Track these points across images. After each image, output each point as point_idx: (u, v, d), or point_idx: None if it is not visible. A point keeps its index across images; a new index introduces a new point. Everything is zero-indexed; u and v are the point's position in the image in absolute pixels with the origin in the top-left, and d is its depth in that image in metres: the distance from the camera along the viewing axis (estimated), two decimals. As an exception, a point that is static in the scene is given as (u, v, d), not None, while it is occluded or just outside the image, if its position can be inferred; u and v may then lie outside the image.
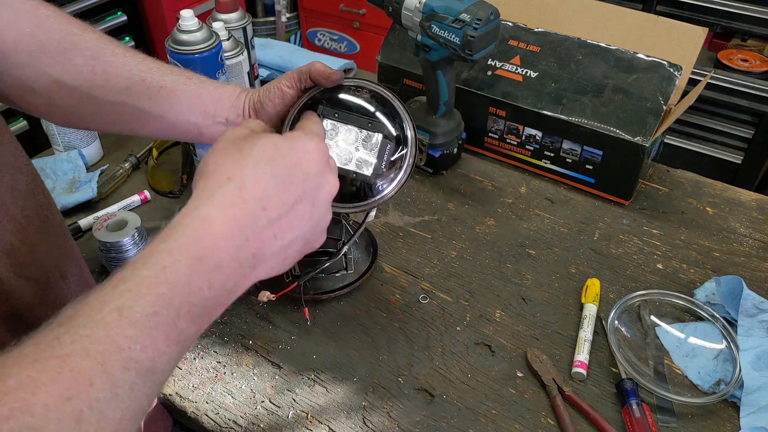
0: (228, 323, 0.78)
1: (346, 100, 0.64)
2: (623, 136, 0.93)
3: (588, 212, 0.96)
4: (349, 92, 0.64)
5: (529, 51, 1.02)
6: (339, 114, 0.63)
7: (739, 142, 2.07)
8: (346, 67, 1.29)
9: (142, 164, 1.06)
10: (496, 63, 1.03)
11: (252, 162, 0.43)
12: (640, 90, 0.94)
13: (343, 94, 0.64)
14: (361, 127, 0.63)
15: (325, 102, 0.63)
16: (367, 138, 0.63)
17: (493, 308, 0.81)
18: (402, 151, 0.64)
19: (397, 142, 0.63)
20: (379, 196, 0.63)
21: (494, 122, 1.04)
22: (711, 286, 0.81)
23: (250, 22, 1.10)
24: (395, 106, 0.65)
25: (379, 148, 0.63)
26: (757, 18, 1.90)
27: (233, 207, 0.41)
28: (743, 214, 0.96)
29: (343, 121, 0.63)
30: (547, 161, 1.02)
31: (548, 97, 0.98)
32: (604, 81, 0.96)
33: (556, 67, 1.00)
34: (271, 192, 0.42)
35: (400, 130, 0.64)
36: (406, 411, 0.69)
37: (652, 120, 0.91)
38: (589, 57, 0.98)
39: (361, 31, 2.52)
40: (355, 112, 0.63)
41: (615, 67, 0.96)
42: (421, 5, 0.87)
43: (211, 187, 0.41)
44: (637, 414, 0.66)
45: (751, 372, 0.70)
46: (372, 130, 0.63)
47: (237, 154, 0.43)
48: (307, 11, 2.62)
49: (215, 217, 0.40)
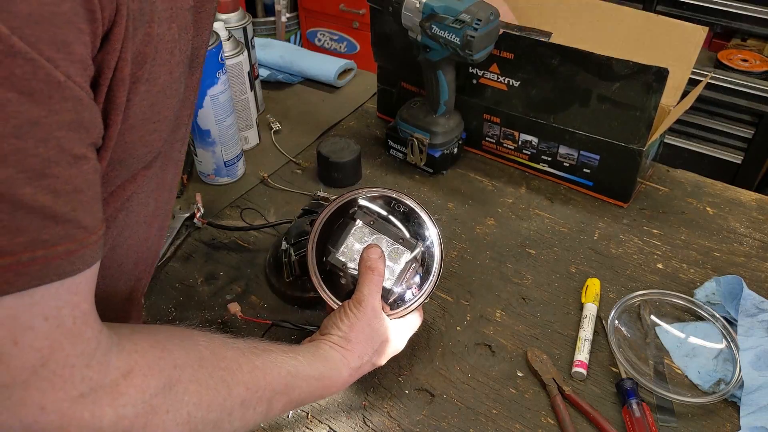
0: (228, 323, 0.79)
1: (384, 211, 0.69)
2: (618, 143, 0.92)
3: (588, 212, 0.96)
4: (389, 204, 0.69)
5: (504, 58, 0.96)
6: (375, 222, 0.68)
7: (739, 142, 2.07)
8: (346, 67, 1.29)
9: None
10: (477, 71, 1.00)
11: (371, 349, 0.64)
12: (626, 98, 0.88)
13: (382, 205, 0.69)
14: (393, 240, 0.68)
15: (363, 207, 0.69)
16: (394, 252, 0.68)
17: (493, 308, 0.81)
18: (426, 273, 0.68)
19: (422, 261, 0.68)
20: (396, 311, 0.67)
21: (490, 128, 1.04)
22: (711, 286, 0.81)
23: (250, 22, 1.10)
24: (430, 228, 0.69)
25: (403, 266, 0.68)
26: (757, 18, 1.90)
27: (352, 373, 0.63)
28: (743, 214, 0.96)
29: (378, 230, 0.68)
30: (544, 165, 1.02)
31: (537, 107, 0.97)
32: (588, 90, 0.91)
33: (534, 75, 0.94)
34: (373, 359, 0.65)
35: (427, 254, 0.68)
36: (406, 411, 0.69)
37: (644, 128, 0.89)
38: (565, 65, 0.91)
39: (361, 31, 2.52)
40: (391, 224, 0.68)
41: (596, 75, 0.89)
42: (421, 6, 0.87)
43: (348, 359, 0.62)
44: (637, 414, 0.66)
45: (751, 372, 0.70)
46: (402, 245, 0.68)
47: (369, 341, 0.64)
48: (307, 11, 2.62)
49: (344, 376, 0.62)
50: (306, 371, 0.58)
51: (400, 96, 1.12)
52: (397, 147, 1.06)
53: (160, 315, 0.79)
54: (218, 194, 1.00)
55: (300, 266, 0.79)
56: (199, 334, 0.51)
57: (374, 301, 0.64)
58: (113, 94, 0.37)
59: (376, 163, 1.07)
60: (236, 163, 1.01)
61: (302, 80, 1.31)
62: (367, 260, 0.65)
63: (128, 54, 0.36)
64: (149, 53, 0.38)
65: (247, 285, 0.84)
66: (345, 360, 0.62)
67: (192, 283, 0.84)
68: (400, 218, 0.69)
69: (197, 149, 0.98)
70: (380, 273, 0.65)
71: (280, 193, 1.00)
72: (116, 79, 0.37)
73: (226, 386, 0.48)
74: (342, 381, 0.62)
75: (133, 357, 0.42)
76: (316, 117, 1.20)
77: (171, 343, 0.46)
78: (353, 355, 0.62)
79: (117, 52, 0.36)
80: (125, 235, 0.49)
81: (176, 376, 0.44)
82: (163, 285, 0.84)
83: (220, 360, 0.49)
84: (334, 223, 0.69)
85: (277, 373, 0.54)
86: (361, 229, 0.68)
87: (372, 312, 0.64)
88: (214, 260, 0.88)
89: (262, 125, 1.15)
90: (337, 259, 0.68)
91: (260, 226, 0.90)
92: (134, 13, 0.36)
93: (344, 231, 0.68)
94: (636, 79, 0.86)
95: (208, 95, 0.92)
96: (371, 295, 0.64)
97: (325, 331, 0.64)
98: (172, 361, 0.44)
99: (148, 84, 0.39)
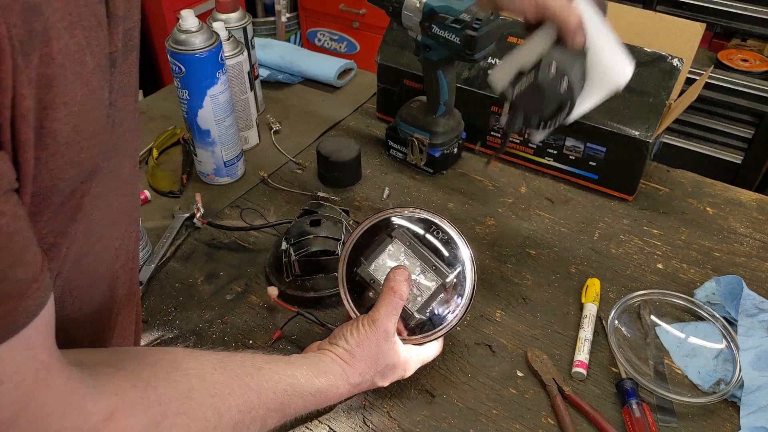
0: (228, 323, 0.79)
1: (422, 232, 0.69)
2: (626, 132, 0.93)
3: (588, 212, 0.96)
4: (428, 229, 0.69)
5: None
6: (411, 244, 0.68)
7: (739, 142, 2.07)
8: (346, 67, 1.29)
9: (142, 164, 1.06)
10: (496, 61, 1.03)
11: (375, 371, 0.64)
12: (642, 85, 0.93)
13: (422, 227, 0.69)
14: (426, 266, 0.67)
15: (403, 227, 0.68)
16: (426, 277, 0.67)
17: (493, 308, 0.81)
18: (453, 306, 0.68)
19: (454, 288, 0.68)
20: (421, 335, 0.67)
21: (496, 121, 1.04)
22: (711, 286, 0.81)
23: (250, 22, 1.10)
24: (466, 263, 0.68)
25: (432, 292, 0.67)
26: (757, 18, 1.90)
27: (350, 389, 0.63)
28: (743, 214, 0.96)
29: (413, 252, 0.68)
30: (550, 158, 1.02)
31: None
32: None
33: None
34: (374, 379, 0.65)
35: (459, 280, 0.68)
36: (406, 411, 0.69)
37: (655, 116, 0.91)
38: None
39: (361, 31, 2.52)
40: (427, 248, 0.68)
41: None
42: (422, 5, 0.87)
43: (349, 375, 0.62)
44: (638, 414, 0.66)
45: (751, 372, 0.70)
46: (435, 273, 0.67)
47: (374, 362, 0.64)
48: (307, 11, 2.63)
49: (342, 392, 0.62)
50: (303, 388, 0.58)
51: (401, 94, 1.12)
52: (397, 147, 1.06)
53: (160, 315, 0.79)
54: (218, 194, 1.00)
55: (300, 266, 0.79)
56: (189, 358, 0.50)
57: (389, 323, 0.63)
58: (17, 134, 0.33)
59: (376, 163, 1.07)
60: (236, 163, 1.01)
61: (302, 80, 1.31)
62: (391, 281, 0.64)
63: (24, 87, 0.33)
64: (54, 74, 0.34)
65: (247, 285, 0.84)
66: (345, 375, 0.62)
67: (192, 283, 0.84)
68: (437, 244, 0.68)
69: (197, 149, 0.98)
70: (402, 296, 0.64)
71: (280, 193, 1.00)
72: (17, 117, 0.33)
73: (216, 413, 0.48)
74: (339, 395, 0.62)
75: (113, 399, 0.41)
76: (316, 117, 1.20)
77: (156, 378, 0.45)
78: (354, 371, 0.62)
79: (9, 89, 0.32)
80: (91, 242, 0.46)
81: (161, 413, 0.43)
82: (163, 285, 0.84)
83: (210, 387, 0.49)
84: (371, 235, 0.68)
85: (273, 393, 0.54)
86: (397, 248, 0.68)
87: (384, 333, 0.63)
88: (215, 260, 0.88)
89: (262, 125, 1.15)
90: (368, 272, 0.68)
91: (260, 226, 0.90)
92: (20, 40, 0.32)
93: (379, 246, 0.68)
94: (655, 66, 0.92)
95: (208, 95, 0.92)
96: (387, 316, 0.63)
97: (333, 340, 0.64)
98: (157, 398, 0.44)
99: (64, 107, 0.35)
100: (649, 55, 0.94)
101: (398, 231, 0.68)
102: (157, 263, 0.84)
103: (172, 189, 1.00)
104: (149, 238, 0.87)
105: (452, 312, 0.67)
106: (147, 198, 0.98)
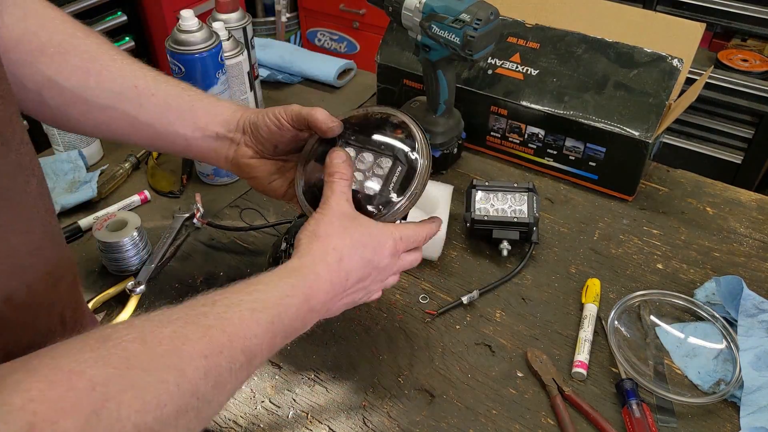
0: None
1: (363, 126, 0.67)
2: (626, 132, 0.93)
3: (588, 212, 0.96)
4: (367, 119, 0.68)
5: (528, 48, 1.02)
6: (357, 138, 0.67)
7: (739, 142, 2.07)
8: (346, 67, 1.29)
9: (142, 164, 1.06)
10: (495, 61, 1.03)
11: (351, 242, 0.58)
12: (641, 85, 0.94)
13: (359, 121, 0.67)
14: (376, 150, 0.66)
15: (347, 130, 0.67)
16: (380, 162, 0.66)
17: (493, 308, 0.81)
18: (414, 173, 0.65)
19: (410, 163, 0.65)
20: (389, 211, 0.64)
21: (496, 121, 1.04)
22: (711, 286, 0.81)
23: (250, 22, 1.10)
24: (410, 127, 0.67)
25: (388, 171, 0.65)
26: (757, 18, 1.90)
27: (333, 273, 0.56)
28: (743, 214, 0.96)
29: (361, 143, 0.66)
30: (549, 159, 1.02)
31: (550, 95, 0.98)
32: (606, 77, 0.96)
33: (556, 63, 0.99)
34: (355, 267, 0.58)
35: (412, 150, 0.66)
36: (406, 411, 0.69)
37: (654, 116, 0.92)
38: (589, 52, 0.98)
39: (361, 31, 2.52)
40: (370, 137, 0.67)
41: (616, 62, 0.96)
42: (421, 5, 0.87)
43: (321, 252, 0.56)
44: (637, 414, 0.66)
45: (751, 372, 0.70)
46: (385, 153, 0.66)
47: (343, 232, 0.57)
48: (307, 11, 2.63)
49: (323, 277, 0.55)
50: (273, 295, 0.51)
51: (401, 94, 1.12)
52: (397, 147, 1.06)
53: (160, 315, 0.79)
54: (218, 194, 1.00)
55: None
56: (120, 327, 0.43)
57: (340, 200, 0.60)
58: None
59: (375, 163, 1.07)
60: (236, 163, 1.01)
61: (302, 80, 1.31)
62: (329, 166, 0.61)
63: None
64: None
65: (247, 285, 0.84)
66: (313, 257, 0.55)
67: (192, 283, 0.84)
68: (384, 130, 0.67)
69: (197, 149, 0.98)
70: (344, 176, 0.61)
71: (279, 193, 1.00)
72: None
73: (175, 370, 0.41)
74: (323, 283, 0.54)
75: (29, 408, 0.34)
76: (315, 117, 1.19)
77: (80, 363, 0.38)
78: (326, 247, 0.56)
79: None
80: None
81: (100, 398, 0.36)
82: (163, 285, 0.84)
83: (156, 345, 0.42)
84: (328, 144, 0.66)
85: (239, 320, 0.47)
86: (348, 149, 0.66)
87: (338, 208, 0.59)
88: (214, 260, 0.88)
89: (262, 125, 1.15)
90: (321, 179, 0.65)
91: (260, 226, 0.90)
92: None
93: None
94: (655, 66, 0.93)
95: (207, 95, 0.91)
96: (334, 195, 0.60)
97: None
98: (87, 383, 0.37)
99: None
100: (649, 56, 0.94)
101: (343, 135, 0.66)
102: (156, 263, 0.84)
103: (172, 189, 1.00)
104: (149, 238, 0.87)
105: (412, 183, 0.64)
106: (147, 198, 0.98)
